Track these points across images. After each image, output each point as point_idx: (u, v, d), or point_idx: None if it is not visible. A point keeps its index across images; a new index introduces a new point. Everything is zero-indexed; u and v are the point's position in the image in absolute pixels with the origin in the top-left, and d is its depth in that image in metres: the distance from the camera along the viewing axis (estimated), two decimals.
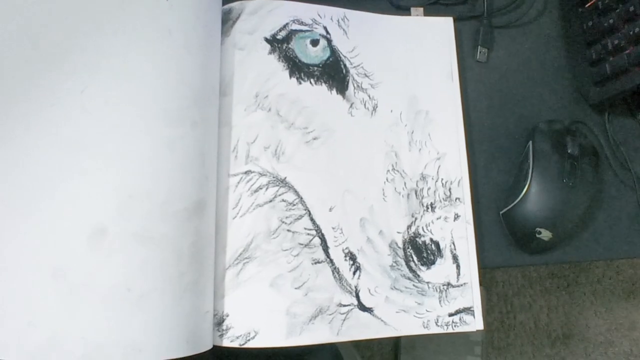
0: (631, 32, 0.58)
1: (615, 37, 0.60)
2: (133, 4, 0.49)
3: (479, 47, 0.64)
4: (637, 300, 1.72)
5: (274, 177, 0.55)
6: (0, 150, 0.45)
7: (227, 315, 0.52)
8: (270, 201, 0.55)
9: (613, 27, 0.60)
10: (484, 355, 1.55)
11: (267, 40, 0.59)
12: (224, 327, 0.52)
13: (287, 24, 0.60)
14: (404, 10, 0.64)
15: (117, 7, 0.49)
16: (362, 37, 0.62)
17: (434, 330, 0.56)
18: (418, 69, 0.62)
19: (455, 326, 0.56)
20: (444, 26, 0.64)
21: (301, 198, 0.55)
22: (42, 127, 0.46)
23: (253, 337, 0.52)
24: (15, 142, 0.45)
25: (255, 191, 0.55)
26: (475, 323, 0.56)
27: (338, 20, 0.61)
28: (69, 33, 0.48)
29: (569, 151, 0.58)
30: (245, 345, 0.52)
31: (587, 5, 0.63)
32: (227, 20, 0.59)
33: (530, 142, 0.60)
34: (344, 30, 0.61)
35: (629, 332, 1.70)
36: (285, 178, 0.55)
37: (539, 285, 1.69)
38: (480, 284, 0.58)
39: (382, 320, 0.55)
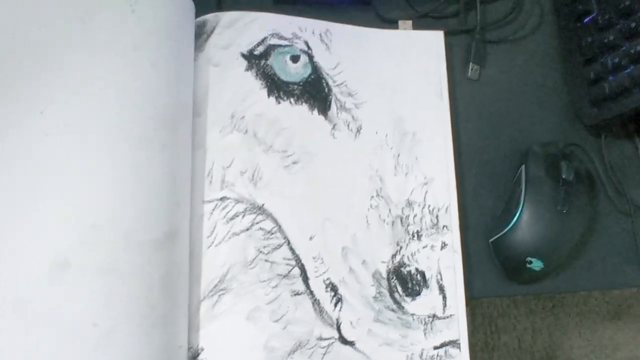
0: (633, 50, 0.56)
1: (615, 54, 0.58)
2: (95, 17, 0.48)
3: (471, 63, 0.63)
4: (622, 322, 1.74)
5: (250, 204, 0.54)
6: None
7: (202, 349, 0.51)
8: (247, 229, 0.53)
9: (613, 44, 0.58)
10: None
11: (243, 55, 0.57)
12: None
13: (265, 38, 0.58)
14: (391, 23, 0.63)
15: (78, 20, 0.47)
16: (346, 52, 0.60)
17: None
18: (405, 87, 0.60)
19: None
20: (433, 41, 0.62)
21: (280, 226, 0.54)
22: (1, 151, 0.44)
23: None
24: None
25: (231, 219, 0.53)
26: (461, 356, 0.55)
27: (320, 35, 0.60)
28: (26, 48, 0.46)
29: (563, 176, 0.57)
30: None
31: (585, 21, 0.61)
32: (201, 34, 0.57)
33: (523, 166, 0.59)
34: (326, 45, 0.60)
35: (612, 353, 1.72)
36: (263, 205, 0.54)
37: (523, 306, 1.71)
38: (471, 297, 0.57)
39: (364, 354, 0.54)
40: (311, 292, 0.54)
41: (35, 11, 0.47)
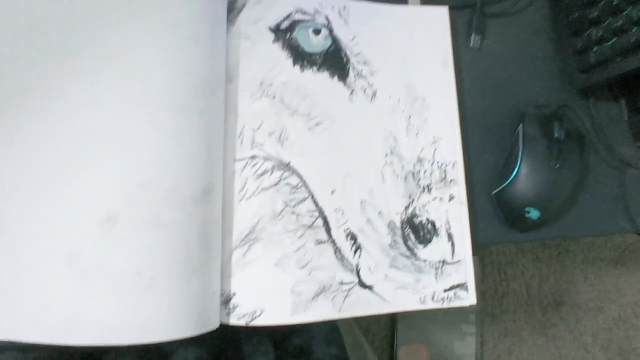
0: (614, 25, 0.60)
1: (599, 28, 0.62)
2: None
3: (473, 34, 0.67)
4: (625, 267, 1.78)
5: (278, 162, 0.57)
6: (16, 141, 0.46)
7: (234, 294, 0.54)
8: (275, 185, 0.57)
9: (597, 18, 0.62)
10: (478, 322, 1.58)
11: (271, 29, 0.61)
12: (231, 306, 0.54)
13: (290, 13, 0.62)
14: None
15: (126, 0, 0.50)
16: (361, 26, 0.64)
17: (430, 305, 0.59)
18: (415, 57, 0.64)
19: (450, 301, 0.59)
20: (439, 16, 0.66)
21: (304, 182, 0.58)
22: (56, 118, 0.47)
23: (259, 315, 0.54)
24: (30, 133, 0.47)
25: (261, 175, 0.57)
26: (468, 298, 0.60)
27: (339, 10, 0.63)
28: (78, 26, 0.49)
29: (555, 135, 0.61)
30: (252, 323, 0.54)
31: None
32: (233, 9, 0.60)
33: (520, 126, 0.63)
34: (344, 19, 0.63)
35: (617, 298, 1.76)
36: (289, 163, 0.57)
37: (531, 254, 1.74)
38: (475, 254, 0.61)
39: (381, 297, 0.58)
40: (333, 241, 0.58)
41: None
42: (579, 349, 1.73)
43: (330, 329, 0.75)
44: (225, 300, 0.54)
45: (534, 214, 0.61)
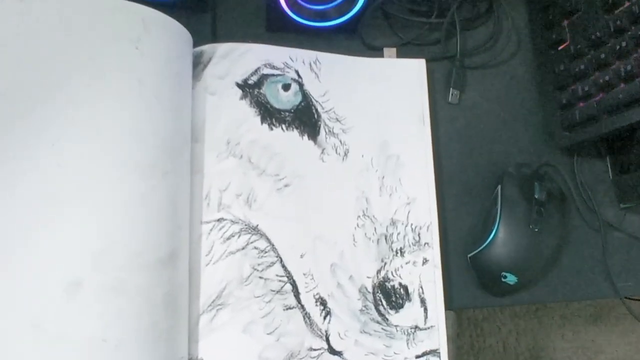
0: (601, 80, 0.61)
1: (585, 83, 0.63)
2: (103, 55, 0.52)
3: (451, 89, 0.68)
4: (604, 324, 1.79)
5: (246, 225, 0.59)
6: None
7: None
8: (243, 249, 0.58)
9: (584, 72, 0.63)
10: None
11: (238, 85, 0.62)
12: None
13: (258, 68, 0.63)
14: (377, 50, 0.68)
15: (87, 58, 0.51)
16: (334, 80, 0.65)
17: None
18: (390, 113, 0.66)
19: None
20: (416, 68, 0.67)
21: (273, 245, 0.59)
22: (16, 180, 0.48)
23: None
24: None
25: (228, 239, 0.58)
26: None
27: (310, 64, 0.65)
28: (38, 84, 0.50)
29: (536, 197, 0.62)
30: None
31: (559, 48, 0.67)
32: (198, 64, 0.62)
33: (499, 187, 0.64)
34: (315, 73, 0.65)
35: (595, 355, 1.78)
36: (257, 225, 0.59)
37: (508, 309, 1.76)
38: (451, 309, 0.61)
39: None
40: (302, 306, 0.59)
41: (46, 49, 0.50)
42: None
43: None
44: None
45: (510, 279, 0.62)
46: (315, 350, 0.58)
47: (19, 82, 0.50)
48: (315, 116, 0.63)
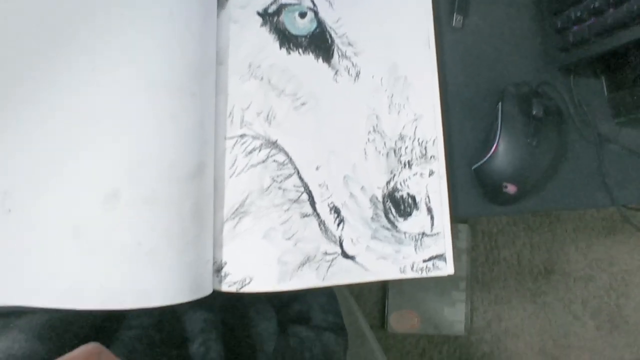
0: (592, 5, 0.64)
1: (578, 8, 0.67)
2: None
3: (455, 14, 0.72)
4: (617, 236, 1.83)
5: (266, 140, 0.64)
6: (24, 119, 0.53)
7: (225, 263, 0.61)
8: (263, 161, 0.63)
9: None
10: (468, 289, 1.66)
11: (259, 13, 0.66)
12: (223, 274, 0.61)
13: None
14: None
15: None
16: (346, 8, 0.69)
17: (410, 275, 0.65)
18: (398, 37, 0.69)
19: (428, 271, 0.65)
20: None
21: (290, 159, 0.64)
22: (59, 102, 0.53)
23: (248, 283, 0.61)
24: (34, 116, 0.53)
25: (250, 153, 0.63)
26: (447, 268, 0.65)
27: None
28: (79, 15, 0.55)
29: (533, 113, 0.66)
30: (242, 290, 0.61)
31: None
32: None
33: (500, 104, 0.68)
34: (329, 2, 0.68)
35: (608, 267, 1.82)
36: (277, 141, 0.64)
37: (522, 222, 1.79)
38: (466, 222, 0.66)
39: (363, 267, 0.64)
40: (318, 214, 0.64)
41: None
42: (569, 317, 1.80)
43: (328, 297, 0.81)
44: (218, 269, 0.62)
45: (510, 188, 0.67)
46: (329, 254, 0.63)
47: (61, 12, 0.54)
48: (329, 41, 0.67)
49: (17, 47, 0.54)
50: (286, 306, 0.78)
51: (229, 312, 0.70)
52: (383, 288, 1.72)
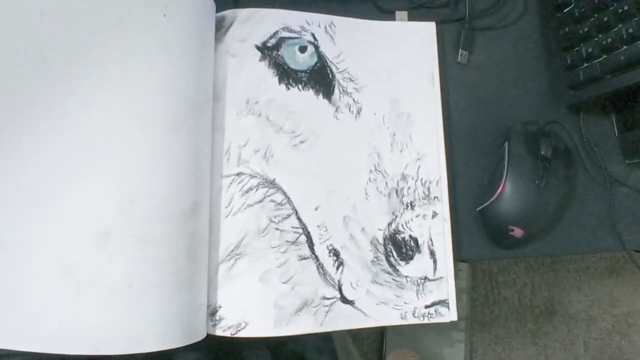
0: (604, 42, 0.63)
1: (589, 44, 0.66)
2: (132, 20, 0.55)
3: (460, 49, 0.71)
4: (619, 277, 1.82)
5: (263, 179, 0.62)
6: (16, 156, 0.51)
7: (220, 307, 0.60)
8: (260, 201, 0.62)
9: (587, 34, 0.66)
10: (468, 329, 1.64)
11: (257, 47, 0.66)
12: (217, 318, 0.59)
13: (277, 31, 0.66)
14: (388, 13, 0.71)
15: (117, 23, 0.55)
16: (348, 43, 0.68)
17: (411, 321, 0.63)
18: (401, 73, 0.68)
19: (431, 317, 0.64)
20: (426, 31, 0.70)
21: (289, 198, 0.63)
22: (54, 136, 0.52)
23: (243, 327, 0.59)
24: (26, 151, 0.51)
25: (247, 192, 0.62)
26: (449, 314, 0.64)
27: (325, 27, 0.68)
28: (74, 48, 0.53)
29: (542, 153, 0.65)
30: (236, 335, 0.59)
31: (564, 11, 0.69)
32: (220, 28, 0.66)
33: (507, 143, 0.67)
34: (330, 36, 0.68)
35: (610, 308, 1.80)
36: (274, 179, 0.63)
37: (523, 262, 1.78)
38: (466, 261, 0.64)
39: (362, 312, 0.62)
40: (316, 257, 0.62)
41: (78, 17, 0.54)
42: (570, 359, 1.78)
43: (323, 336, 0.80)
44: (212, 312, 0.60)
45: (517, 232, 0.65)
46: (328, 299, 0.62)
47: (56, 45, 0.53)
48: (330, 76, 0.67)
49: (8, 81, 0.52)
50: (281, 346, 0.76)
51: (222, 351, 0.69)
52: (381, 327, 1.66)
